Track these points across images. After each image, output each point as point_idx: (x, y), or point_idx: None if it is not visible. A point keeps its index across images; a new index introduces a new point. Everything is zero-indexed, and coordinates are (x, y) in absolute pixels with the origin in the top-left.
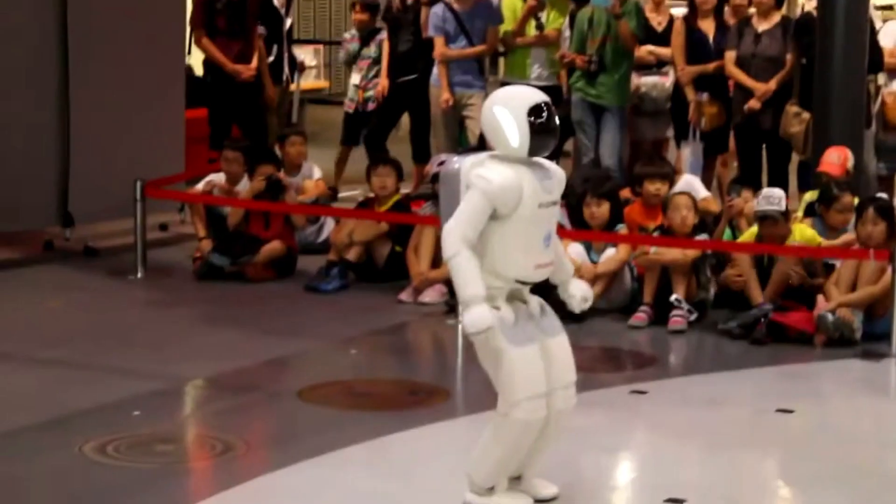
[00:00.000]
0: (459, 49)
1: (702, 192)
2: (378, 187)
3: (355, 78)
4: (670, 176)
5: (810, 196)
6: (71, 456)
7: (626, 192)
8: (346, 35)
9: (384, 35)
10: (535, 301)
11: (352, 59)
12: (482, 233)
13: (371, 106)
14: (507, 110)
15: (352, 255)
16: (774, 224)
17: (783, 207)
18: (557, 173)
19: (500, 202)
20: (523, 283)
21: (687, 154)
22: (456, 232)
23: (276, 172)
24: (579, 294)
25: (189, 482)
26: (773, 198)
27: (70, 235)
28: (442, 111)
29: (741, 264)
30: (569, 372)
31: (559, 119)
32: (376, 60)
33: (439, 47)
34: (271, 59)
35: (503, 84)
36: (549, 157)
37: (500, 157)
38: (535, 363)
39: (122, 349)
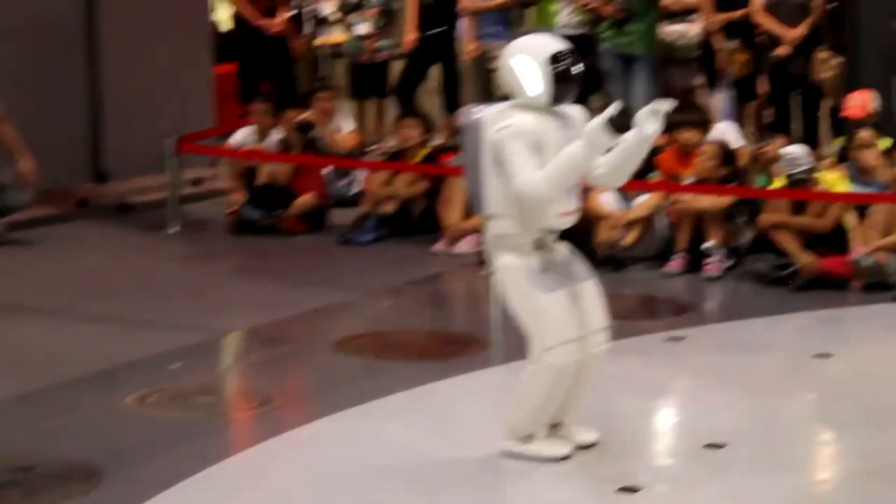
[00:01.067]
0: (484, 1)
1: (735, 141)
2: (403, 139)
3: (361, 28)
4: (704, 123)
5: (839, 142)
6: (112, 408)
7: (659, 140)
8: None
9: None
10: (563, 248)
11: (350, 9)
12: (507, 182)
13: (383, 55)
14: (527, 58)
15: (388, 208)
16: (804, 185)
17: (808, 165)
18: (577, 118)
19: (530, 138)
20: (550, 230)
21: (718, 102)
22: (524, 181)
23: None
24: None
25: (229, 433)
26: (796, 159)
27: (104, 192)
28: (472, 62)
29: (779, 211)
30: (600, 317)
31: (587, 68)
32: (386, 11)
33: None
34: (293, 12)
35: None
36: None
37: (521, 106)
38: (565, 309)
39: (159, 303)
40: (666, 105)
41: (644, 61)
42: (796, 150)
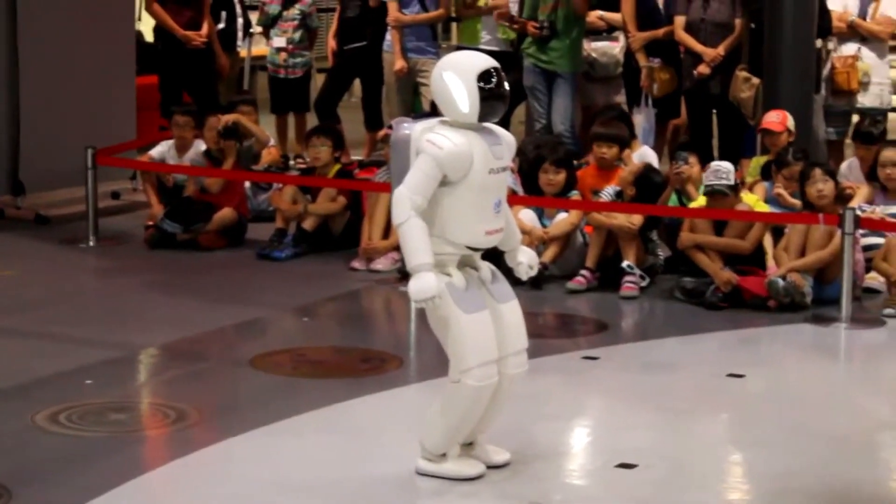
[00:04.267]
0: (413, 14)
1: (654, 163)
2: (313, 158)
3: (278, 41)
4: (623, 139)
5: (761, 161)
6: (23, 425)
7: (590, 158)
8: None
9: None
10: (486, 267)
11: (270, 23)
12: (432, 199)
13: (298, 72)
14: (456, 76)
15: (308, 224)
16: (724, 198)
17: (732, 181)
18: (507, 138)
19: (451, 168)
20: (474, 249)
21: (640, 120)
22: (405, 199)
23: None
24: (526, 261)
25: (142, 451)
26: (721, 171)
27: (21, 204)
28: (396, 78)
29: (700, 230)
30: (520, 338)
31: (510, 84)
32: (302, 24)
33: (393, 12)
34: (221, 25)
35: (457, 50)
36: (499, 123)
37: (450, 123)
38: (486, 329)
39: (74, 318)
40: (534, 271)
41: (566, 78)
42: (722, 164)
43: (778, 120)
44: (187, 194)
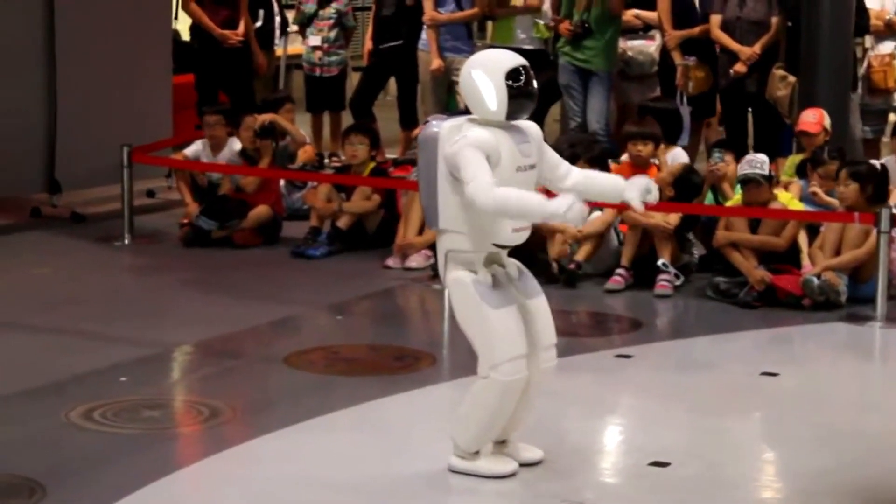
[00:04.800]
0: (449, 13)
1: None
2: (350, 156)
3: (314, 40)
4: (657, 136)
5: (797, 159)
6: (58, 422)
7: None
8: None
9: None
10: (513, 264)
11: (306, 21)
12: (460, 197)
13: (333, 70)
14: (485, 74)
15: (342, 223)
16: (758, 187)
17: (766, 171)
18: (534, 134)
19: (488, 149)
20: (501, 246)
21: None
22: (477, 188)
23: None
24: (637, 193)
25: (176, 447)
26: (755, 161)
27: (57, 202)
28: (432, 76)
29: (735, 229)
30: (549, 333)
31: (545, 82)
32: (338, 23)
33: (429, 11)
34: (258, 24)
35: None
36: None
37: (478, 121)
38: (514, 325)
39: (108, 315)
40: (654, 195)
41: (601, 77)
42: (757, 155)
43: (814, 120)
44: (222, 193)
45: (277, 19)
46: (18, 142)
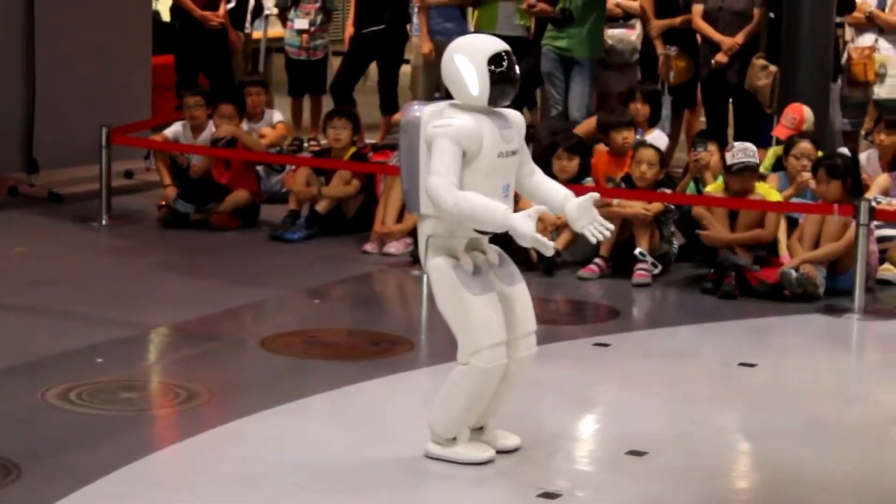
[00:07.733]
0: None
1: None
2: (332, 139)
3: (301, 23)
4: (633, 122)
5: (778, 151)
6: (34, 402)
7: (600, 147)
8: None
9: None
10: (494, 251)
11: (286, 4)
12: None
13: (319, 54)
14: (467, 58)
15: (321, 207)
16: (752, 175)
17: (758, 160)
18: (517, 121)
19: (466, 142)
20: (482, 232)
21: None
22: (441, 183)
23: (237, 119)
24: (586, 220)
25: (152, 430)
26: (749, 150)
27: (35, 181)
28: (423, 60)
29: (717, 219)
30: (529, 320)
31: (527, 69)
32: (322, 6)
33: None
34: (231, 4)
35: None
36: (515, 107)
37: (459, 106)
38: (494, 311)
39: (85, 296)
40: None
41: (583, 65)
42: (748, 144)
43: (792, 126)
44: (194, 175)
45: (252, 1)
46: None
